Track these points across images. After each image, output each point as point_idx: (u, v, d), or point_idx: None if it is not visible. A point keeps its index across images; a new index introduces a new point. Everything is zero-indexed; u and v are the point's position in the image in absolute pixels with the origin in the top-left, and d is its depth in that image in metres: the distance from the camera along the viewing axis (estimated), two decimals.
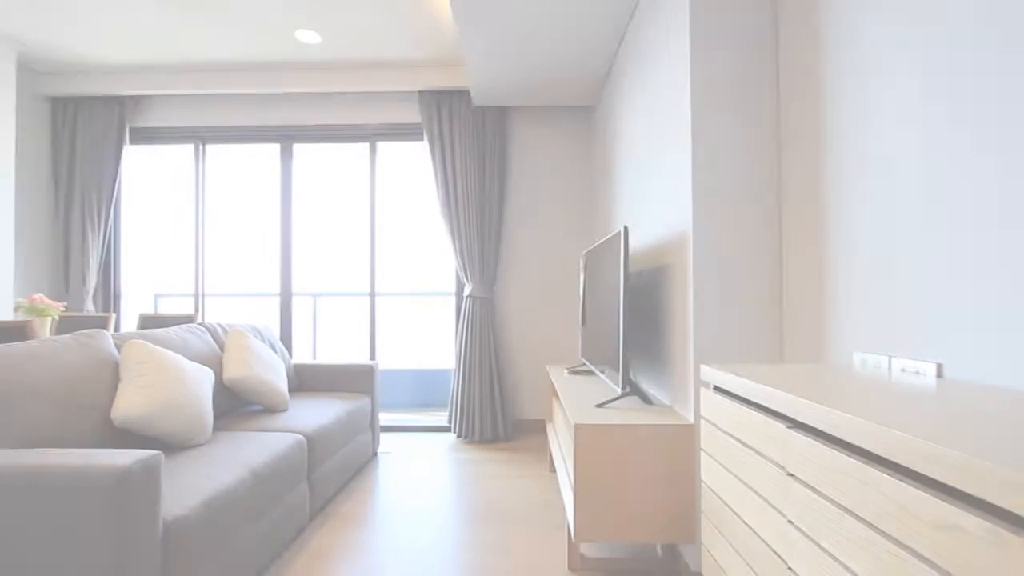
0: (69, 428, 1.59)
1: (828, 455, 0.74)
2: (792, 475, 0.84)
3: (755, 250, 1.69)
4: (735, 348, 1.68)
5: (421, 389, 4.55)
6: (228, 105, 3.84)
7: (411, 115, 3.76)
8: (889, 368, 1.16)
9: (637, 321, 2.40)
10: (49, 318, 2.72)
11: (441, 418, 3.99)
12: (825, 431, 0.76)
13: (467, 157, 3.55)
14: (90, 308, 3.71)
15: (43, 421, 1.53)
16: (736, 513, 1.06)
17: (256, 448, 1.91)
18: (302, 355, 4.10)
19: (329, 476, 2.39)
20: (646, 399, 1.96)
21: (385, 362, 4.19)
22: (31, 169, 3.68)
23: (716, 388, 1.21)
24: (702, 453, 1.26)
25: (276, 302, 3.92)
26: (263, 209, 4.01)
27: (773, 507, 0.90)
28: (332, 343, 4.26)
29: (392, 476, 2.83)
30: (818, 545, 0.76)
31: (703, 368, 1.24)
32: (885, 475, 0.62)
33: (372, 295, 3.85)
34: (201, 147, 3.95)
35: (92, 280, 3.71)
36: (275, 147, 3.93)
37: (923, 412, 0.71)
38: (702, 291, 1.68)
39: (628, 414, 1.80)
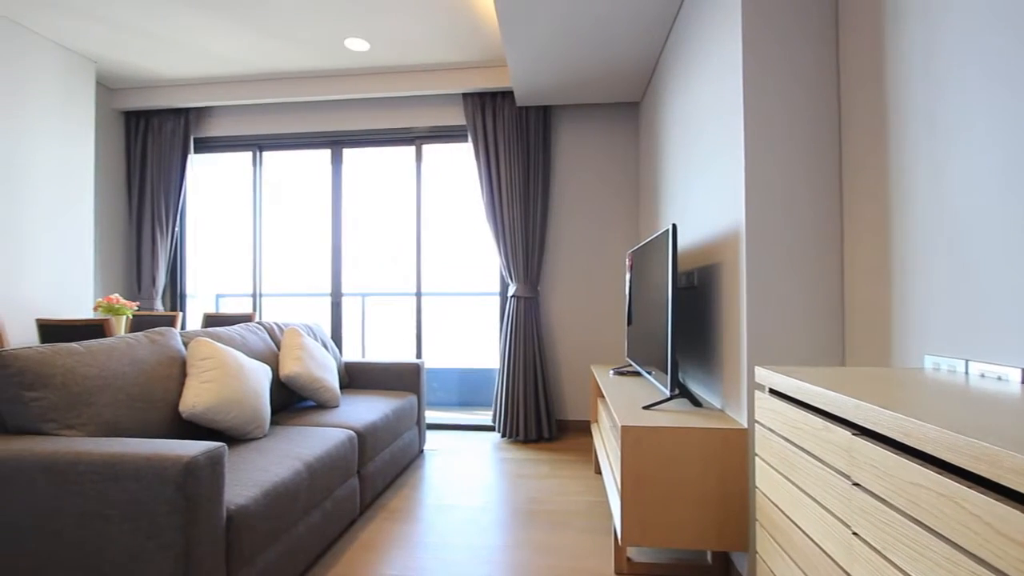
0: (142, 419, 1.71)
1: (899, 465, 0.69)
2: (858, 485, 0.80)
3: (813, 246, 1.61)
4: (791, 350, 1.61)
5: (465, 388, 4.60)
6: (282, 113, 4.01)
7: (455, 117, 3.81)
8: (966, 372, 1.08)
9: (686, 321, 2.34)
10: (124, 317, 2.92)
11: (485, 417, 4.02)
12: (896, 439, 0.71)
13: (511, 157, 3.57)
14: (159, 307, 3.97)
15: (120, 411, 1.64)
16: (794, 522, 1.01)
17: (310, 442, 1.99)
18: (351, 353, 4.23)
19: (378, 471, 2.45)
20: (695, 402, 1.91)
21: (431, 361, 4.27)
22: (108, 179, 3.97)
23: (772, 391, 1.16)
24: (757, 459, 1.21)
25: (327, 302, 4.07)
26: (315, 212, 4.16)
27: (836, 518, 0.85)
28: (380, 342, 4.38)
29: (438, 473, 2.87)
30: (888, 560, 0.71)
31: (758, 370, 1.20)
32: (968, 489, 0.57)
33: (418, 295, 3.92)
34: (258, 154, 4.15)
35: (161, 281, 3.97)
36: (326, 152, 4.07)
37: (1008, 421, 0.65)
38: (755, 290, 1.62)
39: (677, 417, 1.76)
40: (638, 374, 2.65)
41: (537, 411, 3.52)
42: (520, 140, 3.58)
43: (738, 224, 1.68)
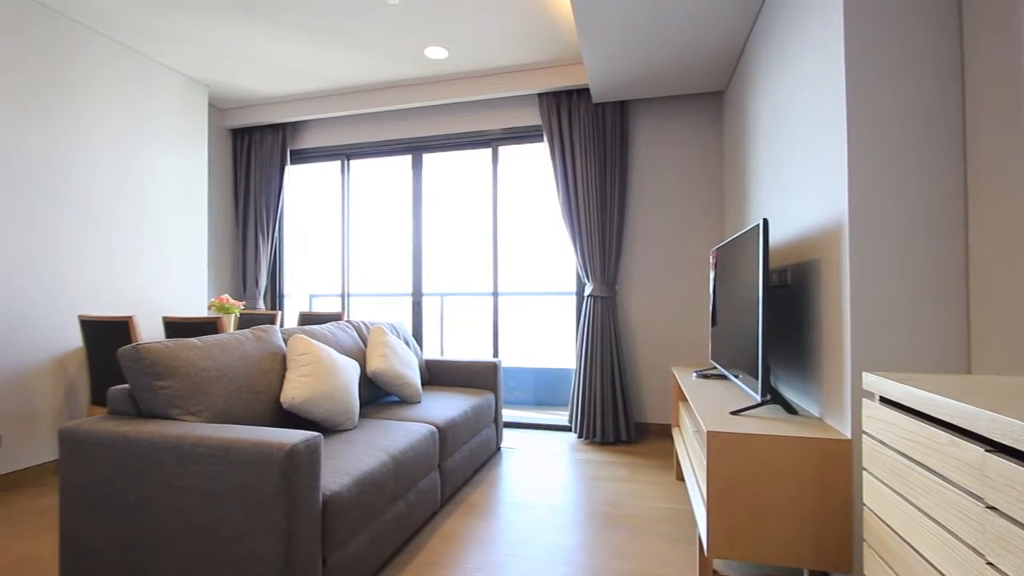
0: (249, 408, 1.87)
1: None
2: (993, 508, 0.70)
3: (930, 241, 1.44)
4: (902, 355, 1.45)
5: (541, 387, 4.61)
6: (367, 123, 4.23)
7: (530, 117, 3.83)
8: None
9: (778, 322, 2.19)
10: (233, 315, 3.22)
11: (561, 417, 4.00)
12: None
13: (587, 155, 3.53)
14: (261, 306, 4.34)
15: (231, 400, 1.81)
16: (911, 546, 0.91)
17: (395, 436, 2.08)
18: (431, 351, 4.38)
19: (458, 466, 2.52)
20: (789, 408, 1.78)
21: (507, 360, 4.32)
22: (218, 190, 4.40)
23: (883, 400, 1.06)
24: (864, 473, 1.10)
25: (408, 302, 4.24)
26: (397, 215, 4.36)
27: (966, 545, 0.76)
28: (458, 340, 4.50)
29: (515, 471, 2.90)
30: None
31: (866, 377, 1.09)
32: None
33: (495, 295, 3.99)
34: (345, 163, 4.41)
35: (262, 282, 4.34)
36: (407, 158, 4.25)
37: None
38: (861, 288, 1.48)
39: (769, 424, 1.65)
40: (723, 377, 2.52)
41: (615, 413, 3.45)
42: (596, 137, 3.53)
43: (840, 217, 1.55)
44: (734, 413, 1.78)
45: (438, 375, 3.29)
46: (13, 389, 2.69)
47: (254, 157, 4.40)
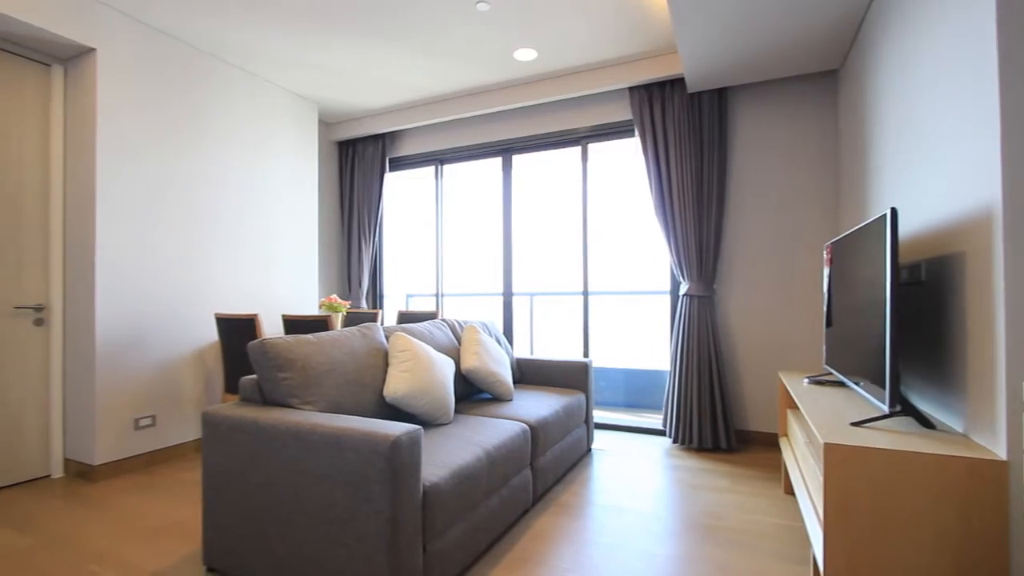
0: (356, 400, 2.01)
1: None
2: None
3: None
4: None
5: (632, 389, 4.48)
6: (459, 129, 4.38)
7: (621, 112, 3.74)
8: None
9: (908, 324, 1.95)
10: (340, 313, 3.48)
11: (653, 420, 3.87)
12: None
13: (682, 148, 3.37)
14: (363, 305, 4.65)
15: (341, 392, 1.96)
16: None
17: (488, 432, 2.13)
18: (520, 350, 4.43)
19: (549, 465, 2.52)
20: (925, 422, 1.57)
21: (597, 360, 4.26)
22: (326, 199, 4.79)
23: None
24: None
25: (499, 301, 4.33)
26: (487, 217, 4.46)
27: None
28: (547, 339, 4.51)
29: (607, 473, 2.85)
30: None
31: None
32: None
33: (585, 294, 3.94)
34: (439, 168, 4.60)
35: (365, 283, 4.65)
36: (497, 160, 4.34)
37: None
38: (1019, 284, 1.27)
39: (899, 438, 1.47)
40: (840, 384, 2.28)
41: (713, 418, 3.27)
42: (692, 128, 3.37)
43: (991, 204, 1.34)
44: (855, 424, 1.61)
45: (529, 374, 3.32)
46: (165, 377, 3.12)
47: (357, 166, 4.72)
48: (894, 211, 1.49)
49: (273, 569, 1.63)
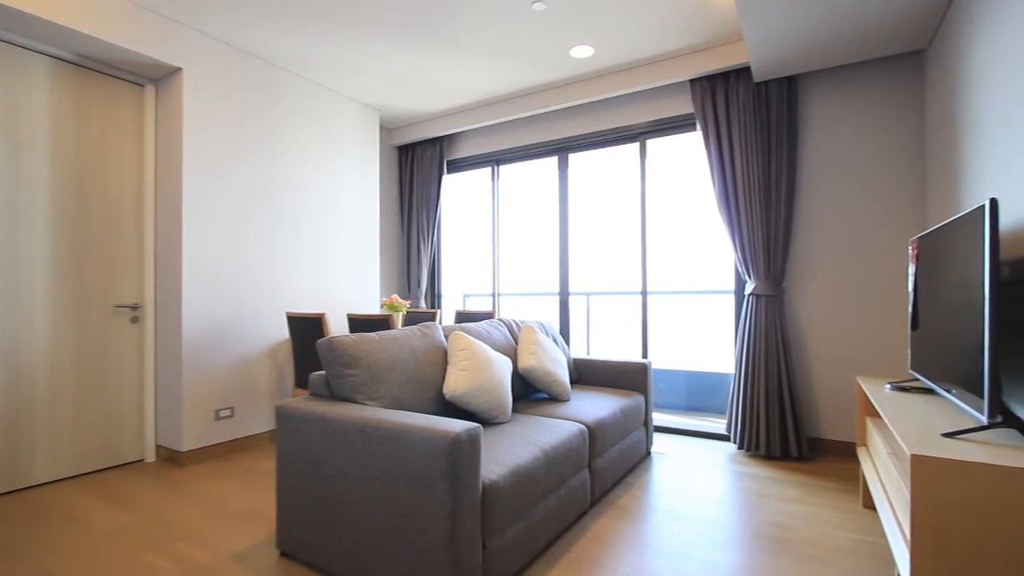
0: (416, 397, 2.06)
1: None
2: None
3: None
4: None
5: (693, 392, 4.33)
6: (515, 129, 4.40)
7: (681, 106, 3.62)
8: None
9: (1011, 327, 1.76)
10: (401, 313, 3.59)
11: (716, 424, 3.72)
12: None
13: (747, 140, 3.22)
14: (422, 305, 4.77)
15: (403, 390, 2.01)
16: None
17: (546, 432, 2.12)
18: (577, 350, 4.39)
19: (607, 467, 2.48)
20: None
21: (656, 361, 4.15)
22: (387, 201, 4.95)
23: None
24: None
25: (555, 300, 4.31)
26: (544, 216, 4.46)
27: None
28: (604, 340, 4.44)
29: (667, 477, 2.77)
30: None
31: None
32: None
33: (643, 294, 3.85)
34: (495, 168, 4.64)
35: (424, 283, 4.77)
36: (553, 159, 4.32)
37: None
38: None
39: (1002, 452, 1.33)
40: (928, 391, 2.10)
41: (782, 425, 3.10)
42: (758, 120, 3.21)
43: None
44: (947, 435, 1.47)
45: (586, 374, 3.28)
46: (242, 372, 3.34)
47: (416, 170, 4.85)
48: (994, 201, 1.35)
49: (340, 557, 1.71)
